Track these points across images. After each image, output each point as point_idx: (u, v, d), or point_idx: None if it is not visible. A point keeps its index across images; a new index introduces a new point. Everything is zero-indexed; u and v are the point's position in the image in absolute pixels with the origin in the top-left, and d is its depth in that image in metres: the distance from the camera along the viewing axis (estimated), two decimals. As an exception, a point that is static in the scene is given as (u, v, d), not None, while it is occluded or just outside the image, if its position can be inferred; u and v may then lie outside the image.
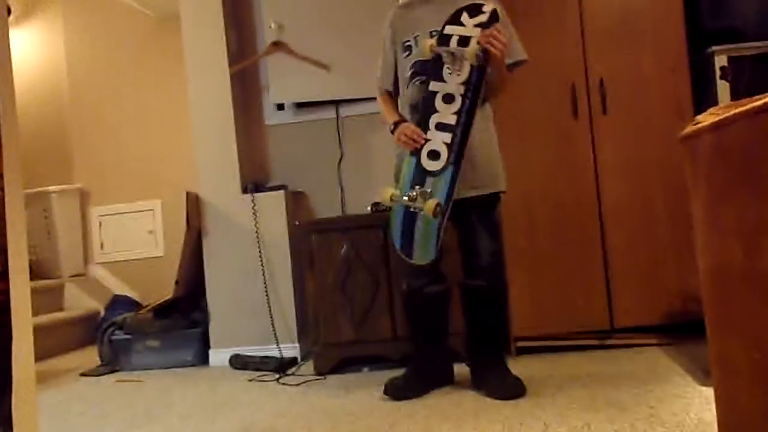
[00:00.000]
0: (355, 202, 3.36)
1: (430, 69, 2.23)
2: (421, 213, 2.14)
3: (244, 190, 3.30)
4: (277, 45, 3.34)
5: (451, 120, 2.18)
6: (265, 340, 3.19)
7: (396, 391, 2.30)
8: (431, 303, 2.37)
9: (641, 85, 2.70)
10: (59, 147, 4.85)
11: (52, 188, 4.64)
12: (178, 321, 3.35)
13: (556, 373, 2.43)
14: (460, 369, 2.48)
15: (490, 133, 2.33)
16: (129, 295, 4.43)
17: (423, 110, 2.22)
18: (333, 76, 3.32)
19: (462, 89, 2.18)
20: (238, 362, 3.13)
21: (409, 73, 2.32)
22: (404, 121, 2.30)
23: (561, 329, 2.73)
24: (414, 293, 2.36)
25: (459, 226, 2.32)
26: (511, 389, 2.18)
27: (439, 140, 2.18)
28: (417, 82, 2.29)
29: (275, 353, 3.15)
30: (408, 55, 2.33)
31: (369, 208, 3.02)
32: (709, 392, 1.89)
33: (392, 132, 2.30)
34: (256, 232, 3.25)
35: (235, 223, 3.28)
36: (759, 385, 1.14)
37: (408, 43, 2.34)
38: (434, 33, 2.23)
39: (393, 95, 2.45)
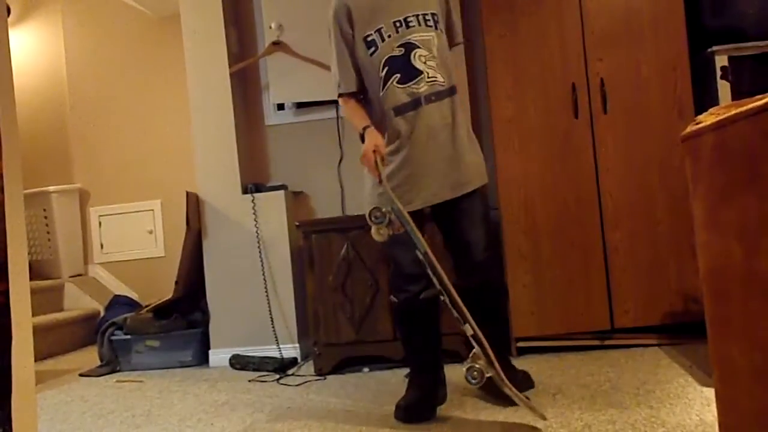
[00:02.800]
0: (355, 202, 3.35)
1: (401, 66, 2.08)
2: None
3: (244, 190, 3.29)
4: (277, 45, 3.34)
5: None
6: (265, 341, 3.19)
7: (409, 414, 2.07)
8: (428, 308, 2.15)
9: (642, 84, 2.70)
10: (59, 147, 4.84)
11: (51, 188, 4.63)
12: (178, 321, 3.35)
13: (556, 373, 2.43)
14: (450, 369, 2.47)
15: (468, 123, 2.22)
16: (129, 295, 4.42)
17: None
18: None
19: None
20: (238, 362, 3.13)
21: (384, 72, 2.09)
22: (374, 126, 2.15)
23: (561, 329, 2.73)
24: (410, 302, 2.13)
25: (443, 224, 2.18)
26: (524, 383, 2.16)
27: None
28: (394, 82, 2.08)
29: (275, 353, 3.14)
30: (374, 52, 2.10)
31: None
32: (710, 393, 1.90)
33: (361, 138, 2.12)
34: (257, 232, 3.25)
35: (235, 224, 3.28)
36: (760, 385, 1.14)
37: (370, 38, 2.10)
38: (398, 23, 2.07)
39: (360, 97, 2.21)
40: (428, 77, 2.07)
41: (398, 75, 2.08)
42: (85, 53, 4.85)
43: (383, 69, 2.09)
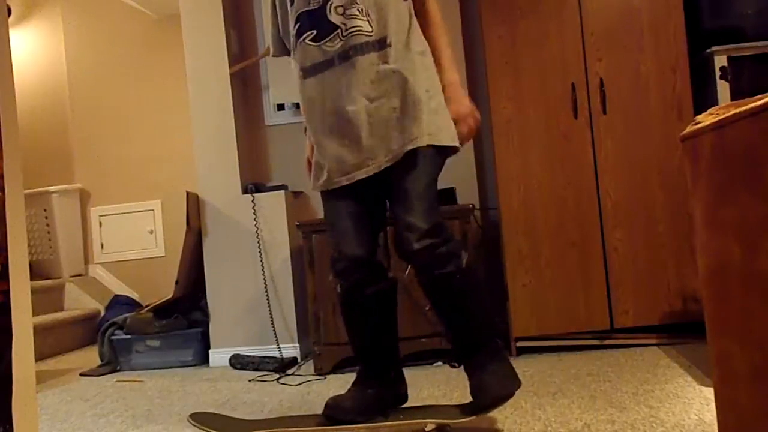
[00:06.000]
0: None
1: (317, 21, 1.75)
2: None
3: (245, 190, 3.30)
4: (278, 45, 3.34)
5: None
6: (265, 340, 3.19)
7: (340, 413, 1.84)
8: (375, 304, 1.87)
9: (641, 85, 2.71)
10: (59, 147, 4.85)
11: (52, 188, 4.64)
12: (178, 321, 3.35)
13: (556, 373, 2.43)
14: (451, 369, 2.47)
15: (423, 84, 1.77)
16: (129, 295, 4.43)
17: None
18: (333, 76, 3.32)
19: None
20: (238, 362, 3.13)
21: (295, 29, 1.79)
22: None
23: (561, 329, 2.74)
24: (351, 294, 1.87)
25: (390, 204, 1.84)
26: (494, 389, 1.73)
27: None
28: (307, 40, 1.76)
29: (275, 353, 3.15)
30: (292, 4, 1.79)
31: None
32: (709, 392, 1.90)
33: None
34: (257, 232, 3.25)
35: (235, 223, 3.28)
36: (759, 385, 1.14)
37: None
38: None
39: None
40: (345, 30, 1.72)
41: (313, 32, 1.76)
42: (86, 53, 4.85)
43: (295, 25, 1.79)
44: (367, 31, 1.72)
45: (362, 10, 1.72)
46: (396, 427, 1.80)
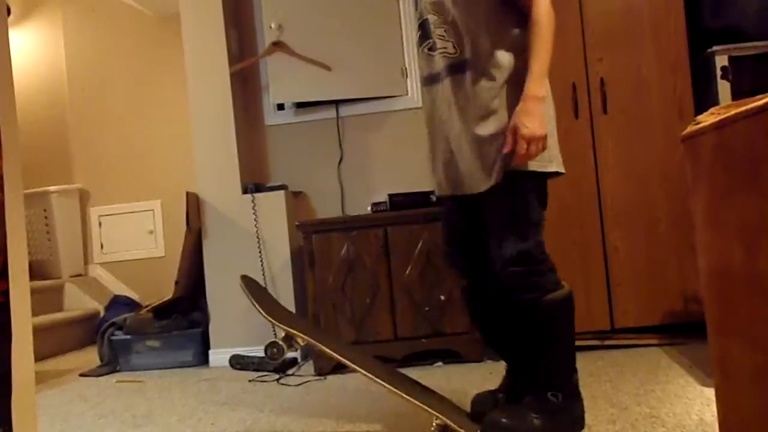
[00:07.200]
0: (355, 202, 3.36)
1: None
2: None
3: (245, 191, 3.30)
4: (277, 45, 3.34)
5: None
6: (265, 341, 3.16)
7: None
8: (489, 313, 1.90)
9: (642, 85, 2.70)
10: (59, 147, 4.84)
11: (52, 188, 4.63)
12: (178, 321, 3.35)
13: (556, 373, 2.43)
14: (451, 369, 2.47)
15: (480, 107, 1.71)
16: (129, 295, 4.43)
17: None
18: (333, 76, 3.32)
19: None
20: (238, 362, 3.13)
21: (417, 35, 1.82)
22: None
23: (561, 329, 2.73)
24: (468, 299, 1.94)
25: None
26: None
27: None
28: (425, 49, 1.78)
29: (275, 353, 3.14)
30: (417, 6, 1.83)
31: (369, 208, 3.03)
32: (710, 392, 1.90)
33: None
34: (257, 232, 3.25)
35: (235, 224, 3.28)
36: (760, 385, 1.14)
37: None
38: None
39: None
40: (438, 48, 1.74)
41: (430, 41, 1.76)
42: (86, 53, 4.85)
43: (418, 31, 1.82)
44: (450, 53, 1.72)
45: (448, 30, 1.72)
46: (411, 403, 1.74)
